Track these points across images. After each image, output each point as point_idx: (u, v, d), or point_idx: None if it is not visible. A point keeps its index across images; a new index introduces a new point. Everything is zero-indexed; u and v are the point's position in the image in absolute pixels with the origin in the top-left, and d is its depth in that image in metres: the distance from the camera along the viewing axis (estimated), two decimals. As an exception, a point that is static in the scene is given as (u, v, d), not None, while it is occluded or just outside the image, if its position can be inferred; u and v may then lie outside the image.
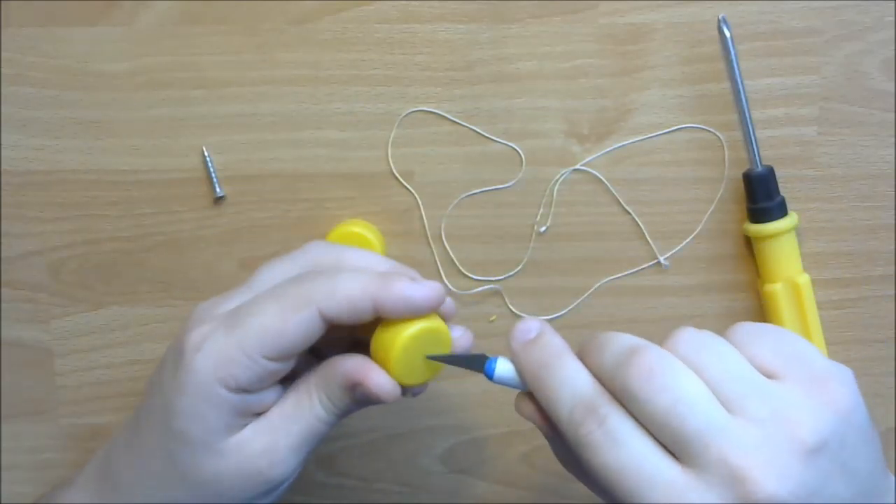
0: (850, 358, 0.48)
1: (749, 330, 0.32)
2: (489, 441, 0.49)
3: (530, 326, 0.34)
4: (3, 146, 0.46)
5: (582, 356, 0.33)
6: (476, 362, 0.35)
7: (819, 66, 0.45)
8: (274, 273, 0.37)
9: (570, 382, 0.32)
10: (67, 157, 0.46)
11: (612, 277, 0.47)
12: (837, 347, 0.47)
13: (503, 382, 0.35)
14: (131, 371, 0.48)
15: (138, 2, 0.44)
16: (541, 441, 0.48)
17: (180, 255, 0.47)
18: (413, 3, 0.45)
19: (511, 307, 0.47)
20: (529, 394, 0.34)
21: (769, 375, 0.31)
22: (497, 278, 0.47)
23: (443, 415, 0.48)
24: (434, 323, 0.35)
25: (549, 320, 0.47)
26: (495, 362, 0.34)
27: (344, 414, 0.36)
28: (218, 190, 0.46)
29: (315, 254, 0.37)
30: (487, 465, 0.49)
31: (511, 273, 0.47)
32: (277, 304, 0.34)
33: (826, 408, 0.29)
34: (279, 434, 0.35)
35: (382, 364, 0.35)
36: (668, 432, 0.29)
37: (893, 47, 0.45)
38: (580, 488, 0.49)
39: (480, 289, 0.47)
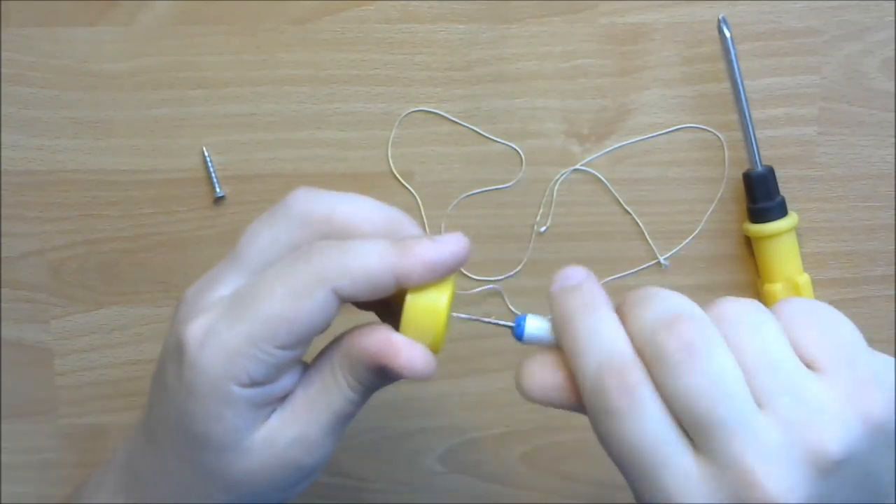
0: (850, 358, 0.48)
1: (799, 308, 0.30)
2: (489, 441, 0.49)
3: (574, 273, 0.31)
4: (3, 146, 0.46)
5: (621, 311, 0.30)
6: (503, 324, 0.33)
7: (819, 66, 0.45)
8: (263, 241, 0.32)
9: (602, 336, 0.29)
10: (67, 157, 0.46)
11: (612, 277, 0.47)
12: (837, 347, 0.47)
13: (533, 340, 0.32)
14: (131, 371, 0.48)
15: (138, 2, 0.44)
16: (541, 441, 0.49)
17: (180, 255, 0.47)
18: (413, 3, 0.45)
19: (511, 307, 0.47)
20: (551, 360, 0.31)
21: (809, 363, 0.29)
22: (497, 278, 0.47)
23: (443, 415, 0.48)
24: (452, 277, 0.32)
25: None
26: (525, 319, 0.32)
27: (374, 390, 0.33)
28: (218, 190, 0.46)
29: (302, 208, 0.32)
30: (487, 465, 0.49)
31: (511, 273, 0.47)
32: (286, 287, 0.30)
33: (860, 419, 0.28)
34: (308, 422, 0.32)
35: (423, 340, 0.31)
36: (693, 414, 0.28)
37: (893, 47, 0.45)
38: (580, 488, 0.49)
39: (480, 289, 0.47)
